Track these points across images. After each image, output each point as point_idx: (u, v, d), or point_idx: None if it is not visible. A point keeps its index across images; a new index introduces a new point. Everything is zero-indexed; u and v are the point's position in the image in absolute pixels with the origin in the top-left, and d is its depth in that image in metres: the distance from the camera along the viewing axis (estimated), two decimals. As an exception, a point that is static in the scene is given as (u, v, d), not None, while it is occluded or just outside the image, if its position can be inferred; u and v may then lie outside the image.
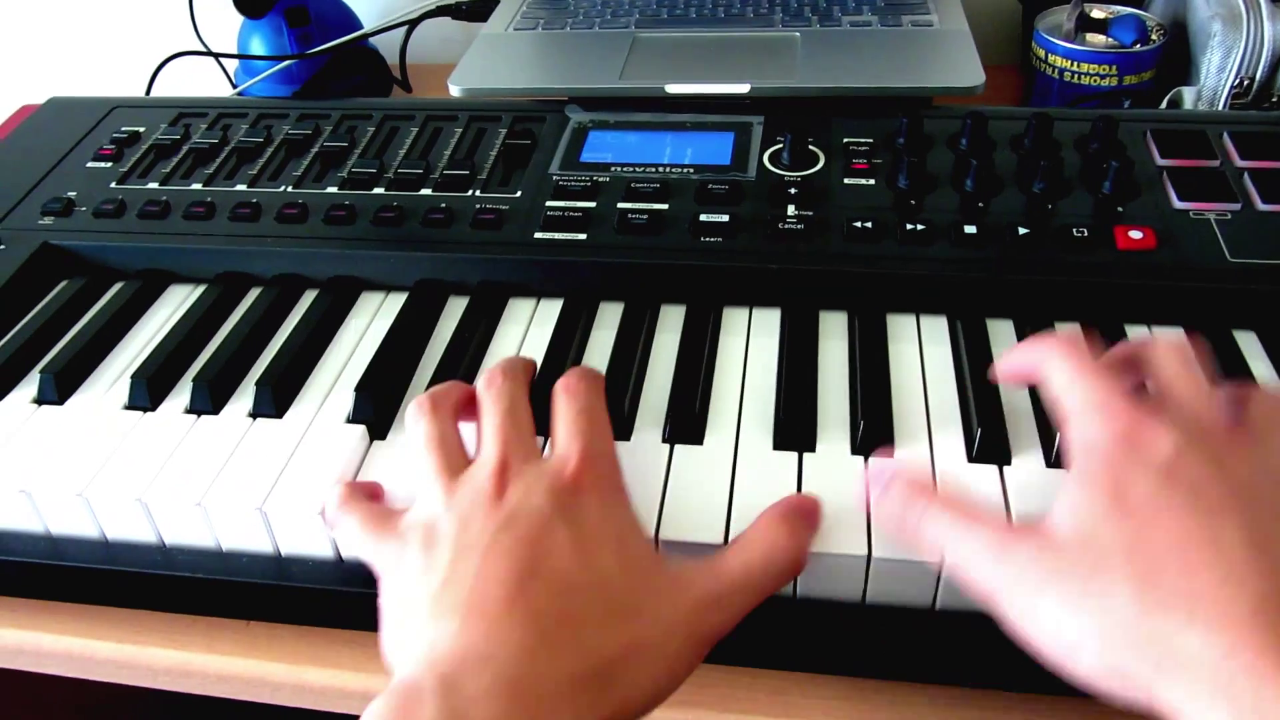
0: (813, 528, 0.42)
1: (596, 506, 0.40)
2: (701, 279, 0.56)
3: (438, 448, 0.43)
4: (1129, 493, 0.35)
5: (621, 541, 0.39)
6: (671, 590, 0.38)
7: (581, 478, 0.40)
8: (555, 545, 0.38)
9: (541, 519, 0.38)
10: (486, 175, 0.63)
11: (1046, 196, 0.57)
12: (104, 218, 0.63)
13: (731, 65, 0.73)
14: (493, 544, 0.38)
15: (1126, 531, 0.34)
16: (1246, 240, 0.54)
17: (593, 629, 0.36)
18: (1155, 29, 0.80)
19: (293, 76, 0.93)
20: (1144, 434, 0.36)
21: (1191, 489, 0.34)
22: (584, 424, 0.43)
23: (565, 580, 0.37)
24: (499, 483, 0.40)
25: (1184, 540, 0.33)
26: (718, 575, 0.39)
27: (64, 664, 0.51)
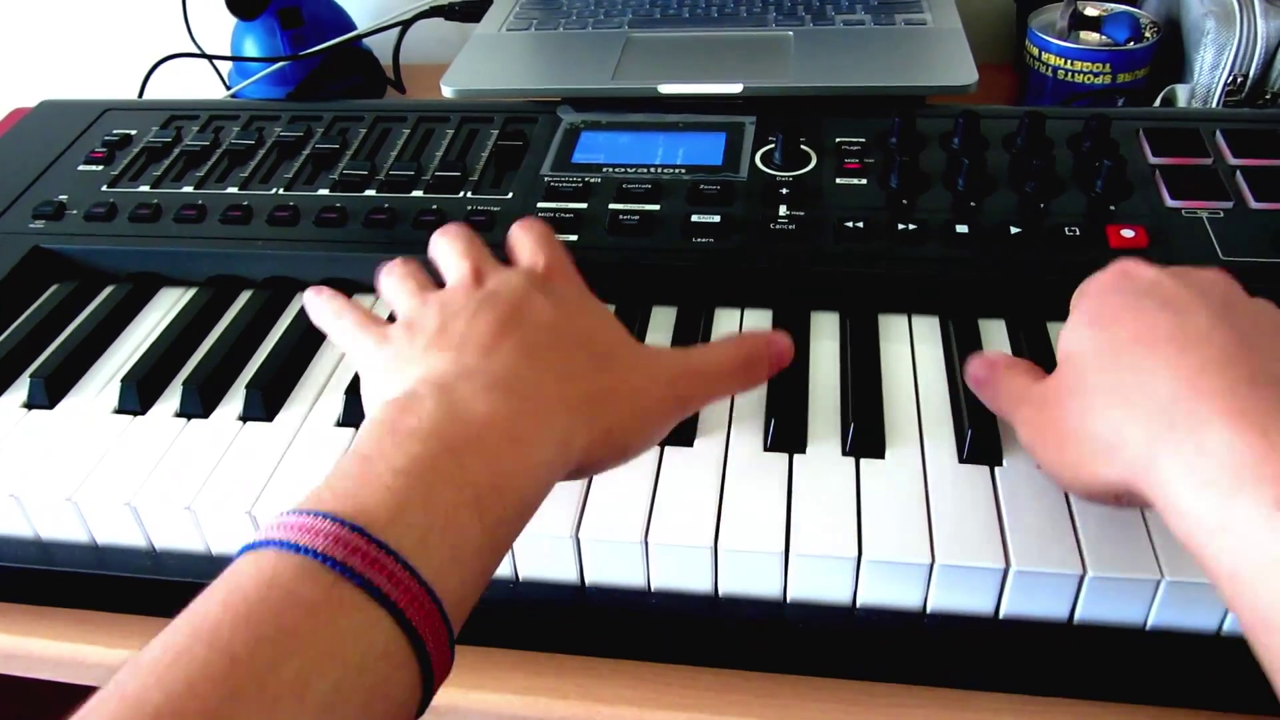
0: (775, 363, 0.45)
1: (570, 289, 0.44)
2: (693, 280, 0.56)
3: (411, 280, 0.45)
4: (1105, 310, 0.39)
5: (596, 312, 0.44)
6: (650, 355, 0.43)
7: (552, 272, 0.44)
8: (537, 308, 0.41)
9: (522, 290, 0.41)
10: (478, 177, 0.63)
11: (1039, 196, 0.57)
12: (95, 221, 0.63)
13: (724, 65, 0.73)
14: (478, 311, 0.40)
15: (1098, 337, 0.38)
16: (1238, 239, 0.54)
17: (580, 363, 0.39)
18: (1149, 26, 0.80)
19: (286, 78, 0.93)
20: (1130, 270, 0.40)
21: (1165, 298, 0.37)
22: (546, 245, 0.46)
23: (549, 327, 0.40)
24: (476, 279, 0.43)
25: (1148, 328, 0.36)
26: (687, 356, 0.44)
27: (54, 669, 0.51)
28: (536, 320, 0.40)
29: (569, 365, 0.39)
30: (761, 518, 0.43)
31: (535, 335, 0.39)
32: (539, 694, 0.46)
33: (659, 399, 0.41)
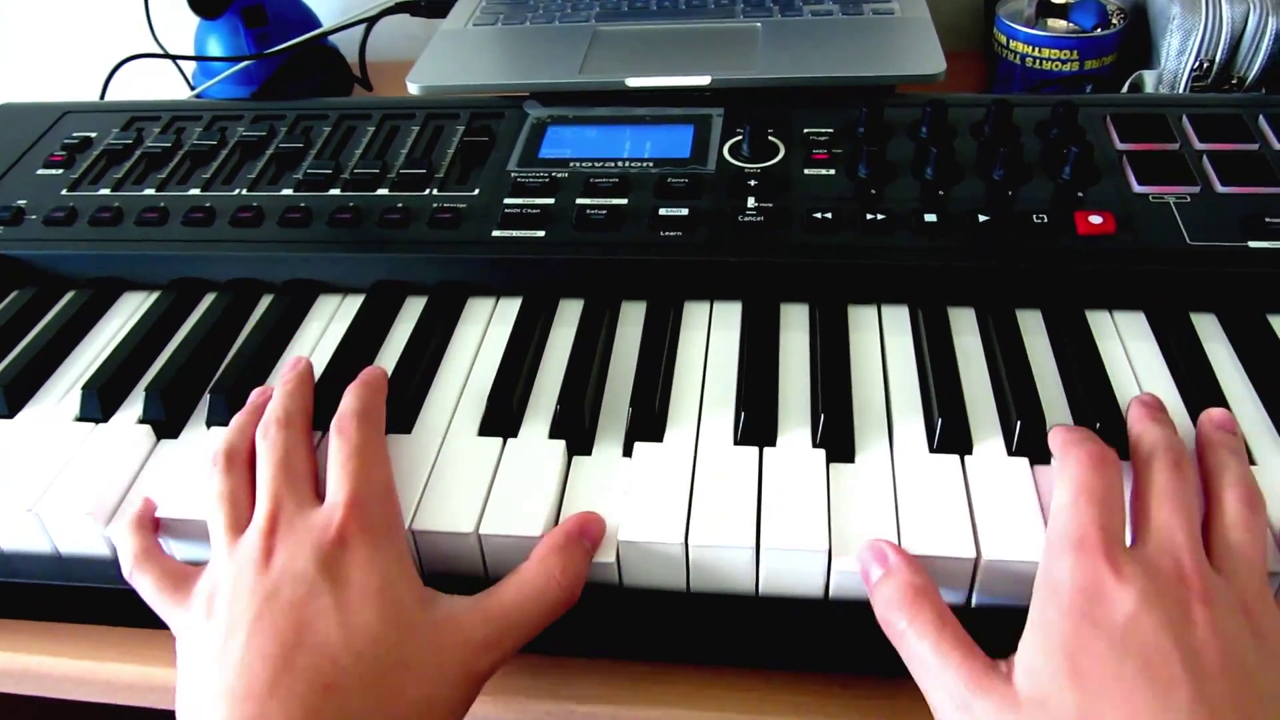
0: (590, 551, 0.42)
1: (362, 559, 0.40)
2: (661, 274, 0.56)
3: (225, 505, 0.44)
4: (1082, 657, 0.34)
5: (386, 594, 0.40)
6: (440, 640, 0.39)
7: (346, 529, 0.41)
8: (318, 613, 0.39)
9: (305, 584, 0.39)
10: (444, 174, 0.62)
11: (1007, 183, 0.57)
12: (55, 225, 0.62)
13: (692, 57, 0.72)
14: (258, 617, 0.39)
15: (1077, 701, 0.34)
16: (1205, 223, 0.54)
17: (357, 695, 0.37)
18: (1115, 13, 0.80)
19: (251, 77, 0.92)
20: (1104, 593, 0.35)
21: (1145, 659, 0.34)
22: (353, 468, 0.43)
23: (328, 650, 0.38)
24: (268, 544, 0.41)
25: (1131, 717, 0.33)
26: (489, 618, 0.40)
27: (20, 682, 0.50)
28: (315, 640, 0.38)
29: (346, 700, 0.37)
30: (732, 512, 0.43)
31: (312, 673, 0.37)
32: (513, 694, 0.46)
33: (451, 698, 0.39)
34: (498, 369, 0.51)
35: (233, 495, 0.44)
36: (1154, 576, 0.36)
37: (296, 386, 0.49)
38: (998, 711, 0.35)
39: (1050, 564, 0.37)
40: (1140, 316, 0.53)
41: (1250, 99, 0.67)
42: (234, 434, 0.47)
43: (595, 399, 0.50)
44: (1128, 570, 0.36)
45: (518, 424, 0.49)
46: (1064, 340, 0.51)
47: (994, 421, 0.47)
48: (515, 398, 0.49)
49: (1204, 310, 0.52)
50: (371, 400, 0.47)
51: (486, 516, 0.44)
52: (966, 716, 0.36)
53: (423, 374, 0.52)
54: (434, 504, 0.45)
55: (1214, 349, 0.50)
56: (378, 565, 0.40)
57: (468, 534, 0.43)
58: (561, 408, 0.48)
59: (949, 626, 0.37)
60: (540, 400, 0.50)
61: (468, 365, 0.53)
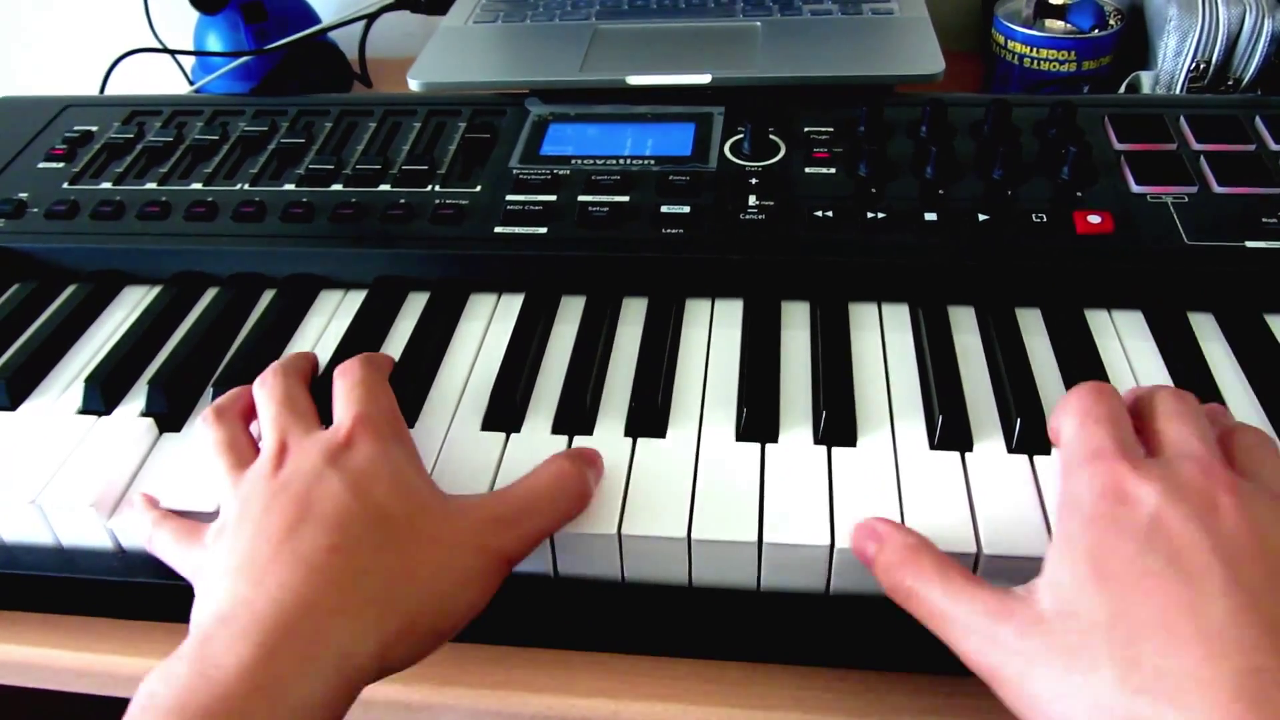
0: (596, 477, 0.44)
1: (370, 451, 0.41)
2: (663, 271, 0.56)
3: (226, 450, 0.44)
4: (1109, 559, 0.33)
5: (397, 476, 0.41)
6: (454, 514, 0.40)
7: (354, 434, 0.42)
8: (326, 491, 0.39)
9: (314, 473, 0.40)
10: (446, 170, 0.63)
11: (1006, 183, 0.58)
12: (56, 219, 0.62)
13: (693, 56, 0.73)
14: (266, 509, 0.39)
15: (1106, 603, 0.33)
16: (1203, 223, 0.54)
17: (367, 553, 0.38)
18: (1113, 14, 0.81)
19: (251, 73, 0.92)
20: (1126, 491, 0.34)
21: (1172, 552, 0.33)
22: (359, 393, 0.44)
23: (336, 517, 0.38)
24: (277, 461, 0.42)
25: (1164, 611, 0.32)
26: (502, 498, 0.42)
27: (22, 674, 0.50)
28: (323, 512, 0.38)
29: (354, 561, 0.37)
30: (734, 507, 0.43)
31: (317, 535, 0.38)
32: (513, 688, 0.46)
33: (467, 568, 0.39)
34: (500, 365, 0.51)
35: (231, 441, 0.45)
36: (1175, 476, 0.35)
37: (295, 355, 0.50)
38: (1024, 633, 0.34)
39: (1068, 482, 0.37)
40: (1138, 315, 0.53)
41: (1247, 100, 0.67)
42: (224, 398, 0.48)
43: (597, 395, 0.50)
44: (1146, 471, 0.35)
45: (521, 419, 0.49)
46: (1063, 339, 0.51)
47: (994, 419, 0.47)
48: (518, 393, 0.50)
49: (1201, 310, 0.53)
50: (374, 356, 0.48)
51: (490, 511, 0.44)
52: (994, 648, 0.34)
53: (425, 370, 0.52)
54: (437, 498, 0.45)
55: (1211, 348, 0.50)
56: (388, 455, 0.41)
57: (471, 528, 0.43)
58: (564, 403, 0.48)
59: (952, 568, 0.37)
60: (543, 396, 0.50)
61: (470, 361, 0.53)
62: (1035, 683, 0.33)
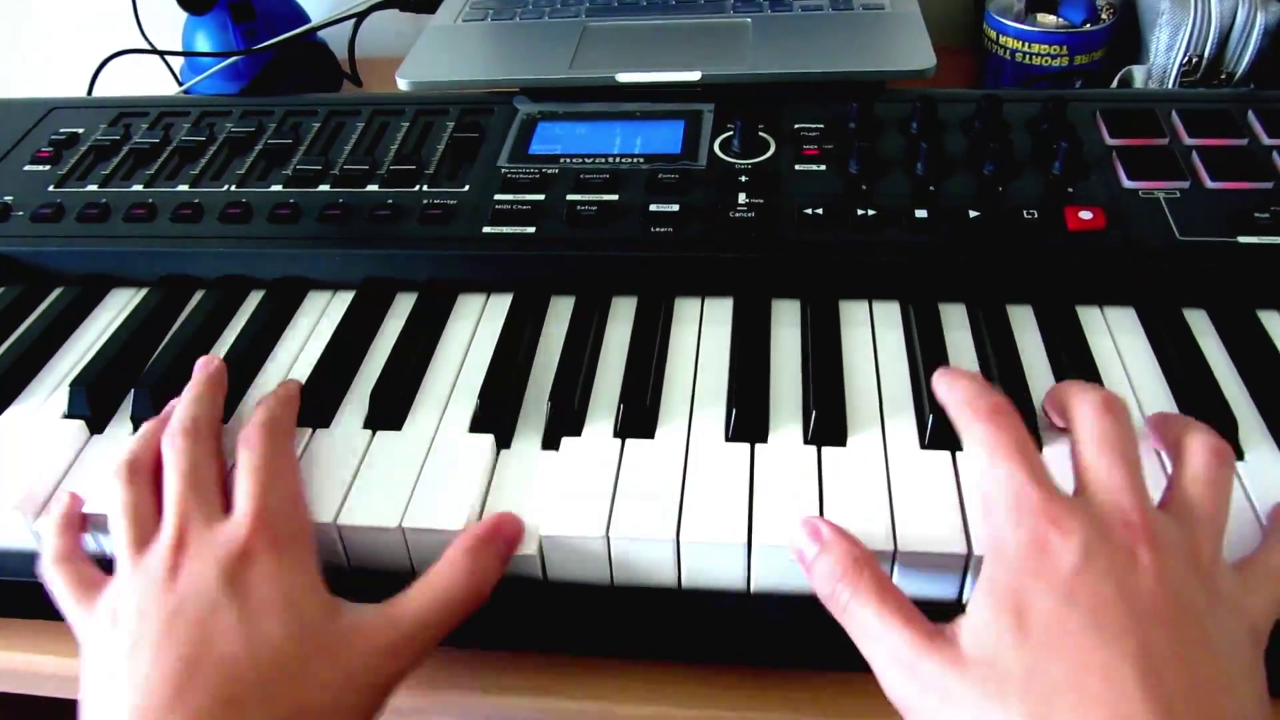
0: (505, 552, 0.43)
1: (267, 573, 0.40)
2: (652, 270, 0.55)
3: (129, 518, 0.43)
4: (1029, 613, 0.34)
5: (290, 607, 0.40)
6: (345, 648, 0.39)
7: (251, 544, 0.41)
8: (221, 629, 0.38)
9: (209, 601, 0.39)
10: (434, 170, 0.62)
11: (997, 179, 0.57)
12: (42, 222, 0.61)
13: (683, 52, 0.72)
14: (163, 634, 0.39)
15: (1025, 658, 0.33)
16: (1195, 218, 0.54)
17: (260, 707, 0.37)
18: (1105, 8, 0.81)
19: (240, 73, 0.92)
20: (1050, 542, 0.35)
21: (1091, 611, 0.33)
22: (260, 479, 0.43)
23: (229, 665, 0.38)
24: (174, 560, 0.41)
25: (1079, 670, 0.33)
26: (395, 623, 0.40)
27: (9, 680, 0.50)
28: (218, 655, 0.38)
29: (245, 714, 0.37)
30: (724, 509, 0.43)
31: (211, 690, 0.37)
32: (502, 693, 0.45)
33: (354, 708, 0.39)
34: (488, 366, 0.51)
35: (136, 509, 0.44)
36: (1096, 524, 0.35)
37: (204, 391, 0.48)
38: (943, 671, 0.34)
39: (990, 522, 0.37)
40: (1130, 312, 0.53)
41: (1239, 94, 0.67)
42: (139, 443, 0.46)
43: (586, 395, 0.50)
44: (1068, 522, 0.35)
45: (510, 422, 0.49)
46: (1055, 336, 0.51)
47: (985, 417, 0.47)
48: (507, 395, 0.49)
49: (1194, 306, 0.53)
50: (280, 411, 0.47)
51: (477, 514, 0.44)
52: (913, 680, 0.35)
53: (413, 371, 0.52)
54: (424, 503, 0.44)
55: (1204, 344, 0.50)
56: (282, 578, 0.40)
57: (459, 532, 0.43)
58: (553, 405, 0.48)
59: (890, 593, 0.37)
60: (531, 397, 0.50)
61: (458, 362, 0.53)
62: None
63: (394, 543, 0.44)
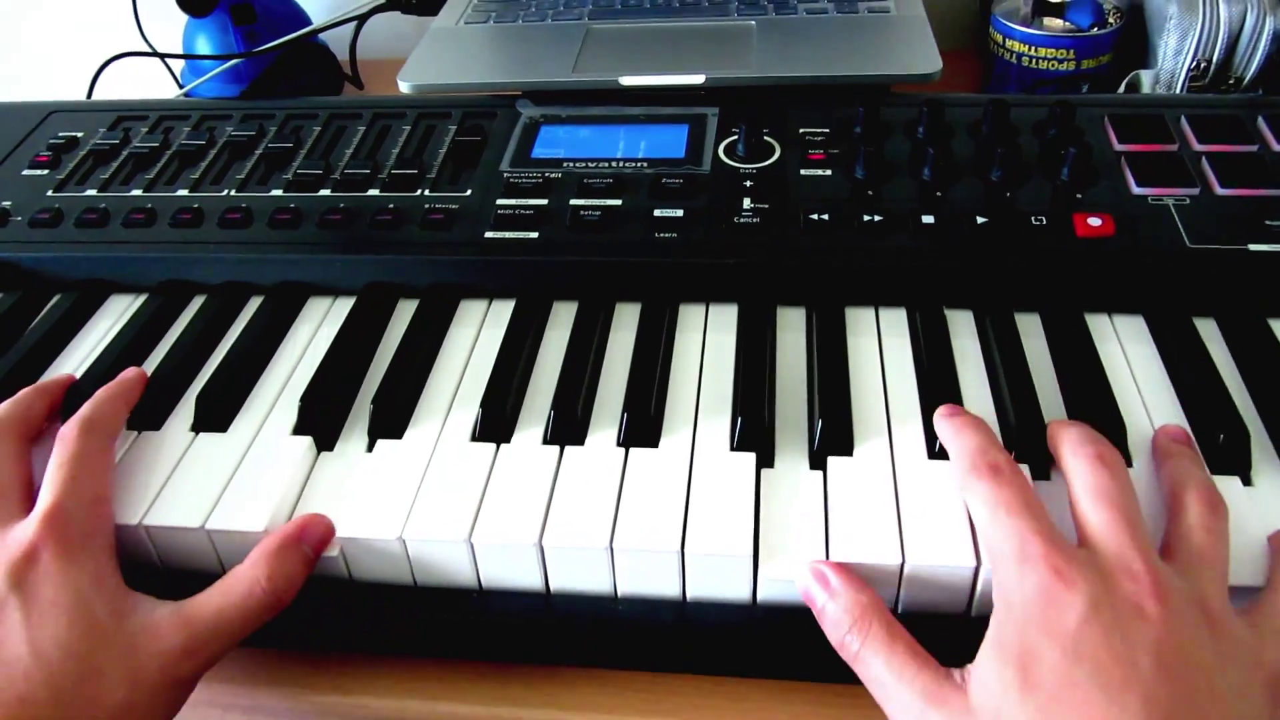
0: (309, 560, 0.43)
1: (53, 573, 0.40)
2: (656, 276, 0.55)
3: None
4: (1036, 666, 0.34)
5: (78, 607, 0.40)
6: (137, 647, 0.39)
7: (37, 545, 0.40)
8: (7, 630, 0.39)
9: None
10: (436, 174, 0.62)
11: (1004, 184, 0.57)
12: (40, 227, 0.61)
13: (686, 56, 0.72)
14: None
15: (1030, 711, 0.34)
16: (1205, 225, 0.53)
17: (50, 706, 0.37)
18: (1112, 12, 0.80)
19: (240, 75, 0.91)
20: (1056, 593, 0.35)
21: (1096, 665, 0.34)
22: (61, 477, 0.43)
23: (19, 665, 0.38)
24: None
25: None
26: (189, 624, 0.40)
27: None
28: (6, 659, 0.38)
29: (28, 714, 0.37)
30: (729, 520, 0.42)
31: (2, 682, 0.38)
32: (506, 704, 0.45)
33: (148, 707, 0.39)
34: (491, 373, 0.51)
35: None
36: (1103, 578, 0.36)
37: (29, 397, 0.49)
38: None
39: (998, 575, 0.38)
40: (1139, 320, 0.52)
41: (1248, 99, 0.66)
42: None
43: (589, 404, 0.49)
44: (1075, 575, 0.35)
45: (511, 429, 0.48)
46: (1063, 344, 0.50)
47: (993, 426, 0.46)
48: (508, 403, 0.49)
49: (1204, 314, 0.52)
50: (105, 409, 0.47)
51: (479, 523, 0.43)
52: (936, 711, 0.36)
53: (414, 378, 0.51)
54: (426, 513, 0.44)
55: (1214, 353, 0.49)
56: (69, 578, 0.40)
57: (461, 541, 0.42)
58: (556, 413, 0.48)
59: (900, 640, 0.38)
60: (534, 405, 0.49)
61: (460, 369, 0.52)
62: None
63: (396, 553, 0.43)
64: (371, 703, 0.46)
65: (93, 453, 0.45)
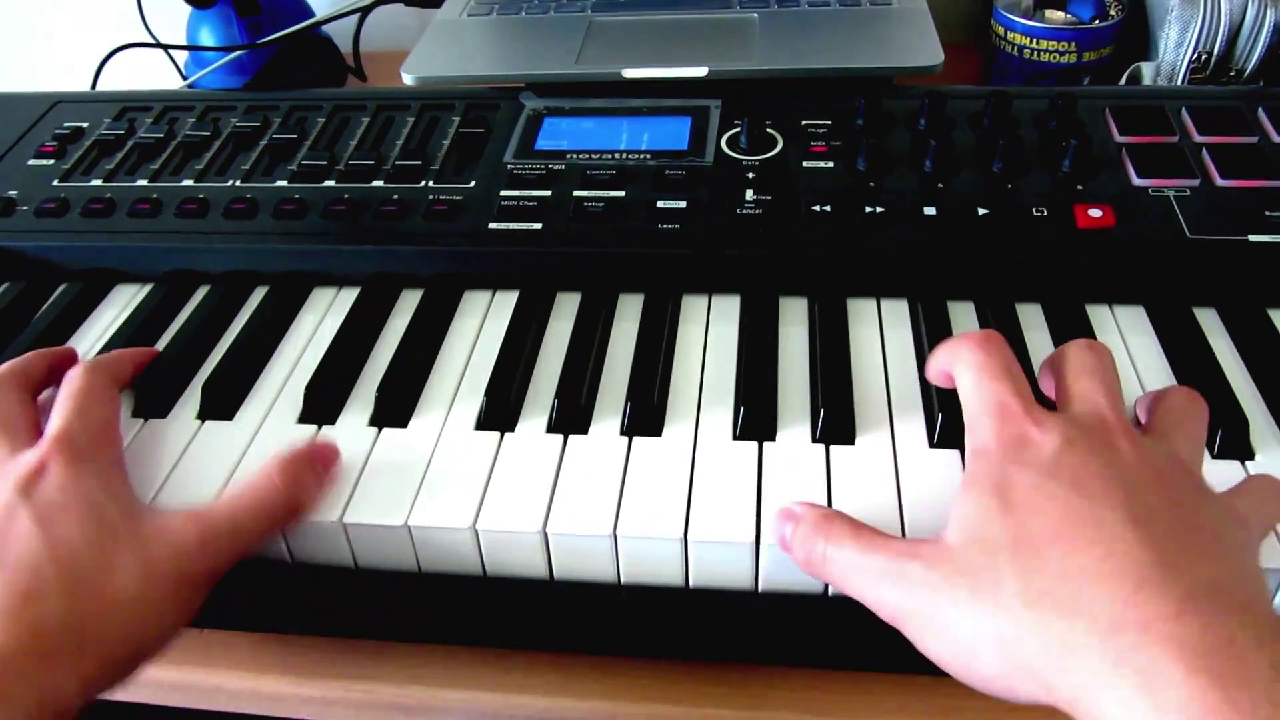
0: (320, 476, 0.44)
1: (63, 481, 0.41)
2: (659, 267, 0.55)
3: None
4: (1012, 489, 0.35)
5: (89, 508, 0.40)
6: (150, 539, 0.40)
7: (46, 459, 0.41)
8: (17, 531, 0.39)
9: (6, 510, 0.40)
10: (440, 165, 0.62)
11: (1006, 176, 0.57)
12: (46, 217, 0.61)
13: (689, 48, 0.72)
14: None
15: (1010, 526, 0.34)
16: (1205, 216, 0.54)
17: (55, 599, 0.37)
18: (1113, 4, 0.80)
19: (244, 67, 0.92)
20: (1030, 435, 0.36)
21: (1074, 478, 0.34)
22: (69, 407, 0.44)
23: (28, 560, 0.38)
24: None
25: (1065, 523, 0.33)
26: (201, 520, 0.41)
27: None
28: (16, 556, 0.38)
29: (46, 607, 0.37)
30: (732, 508, 0.43)
31: (11, 583, 0.37)
32: (509, 691, 0.45)
33: (165, 596, 0.39)
34: (494, 363, 0.51)
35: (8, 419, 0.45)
36: (1076, 421, 0.37)
37: (27, 357, 0.49)
38: (931, 564, 0.35)
39: (973, 434, 0.38)
40: (1140, 311, 0.53)
41: (1249, 91, 0.67)
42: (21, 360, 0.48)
43: (593, 393, 0.49)
44: (1049, 422, 0.36)
45: (515, 418, 0.48)
46: (1064, 334, 0.51)
47: (994, 416, 0.46)
48: (512, 392, 0.49)
49: (1204, 304, 0.52)
50: (112, 357, 0.49)
51: (484, 511, 0.43)
52: (902, 585, 0.35)
53: (419, 368, 0.52)
54: (431, 500, 0.44)
55: (1214, 343, 0.50)
56: (80, 484, 0.41)
57: (465, 529, 0.43)
58: (560, 402, 0.48)
59: (864, 529, 0.38)
60: (538, 395, 0.50)
61: (464, 359, 0.52)
62: (942, 610, 0.34)
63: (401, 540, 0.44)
64: (377, 688, 0.46)
65: (100, 387, 0.46)
